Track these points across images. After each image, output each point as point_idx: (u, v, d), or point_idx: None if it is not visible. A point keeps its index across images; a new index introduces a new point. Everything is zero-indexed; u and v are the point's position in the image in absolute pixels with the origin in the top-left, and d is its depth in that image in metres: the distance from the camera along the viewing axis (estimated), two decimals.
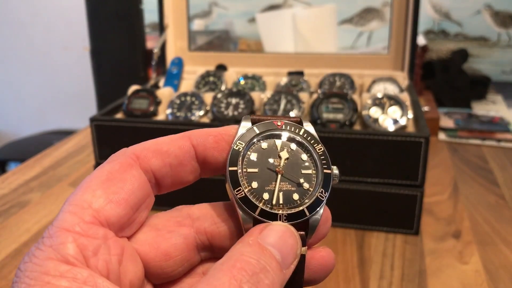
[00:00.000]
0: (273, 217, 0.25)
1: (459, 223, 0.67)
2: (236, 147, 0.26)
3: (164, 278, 0.27)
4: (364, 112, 0.71)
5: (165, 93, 0.80)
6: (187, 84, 0.91)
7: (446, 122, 1.05)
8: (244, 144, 0.27)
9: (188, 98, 0.78)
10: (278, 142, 0.27)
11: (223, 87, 0.87)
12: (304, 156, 0.27)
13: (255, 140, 0.27)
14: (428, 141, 0.60)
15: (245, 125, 0.28)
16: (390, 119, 0.69)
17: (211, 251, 0.28)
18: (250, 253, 0.22)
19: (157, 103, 0.77)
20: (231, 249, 0.23)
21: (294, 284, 0.25)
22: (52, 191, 0.79)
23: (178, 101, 0.78)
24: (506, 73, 1.37)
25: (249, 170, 0.26)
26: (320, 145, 0.27)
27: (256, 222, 0.25)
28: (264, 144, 0.27)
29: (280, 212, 0.25)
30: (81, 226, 0.22)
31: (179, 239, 0.26)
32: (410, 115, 0.69)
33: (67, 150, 0.96)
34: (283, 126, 0.27)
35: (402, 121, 0.68)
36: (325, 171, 0.27)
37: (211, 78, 0.89)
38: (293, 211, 0.26)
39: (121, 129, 0.71)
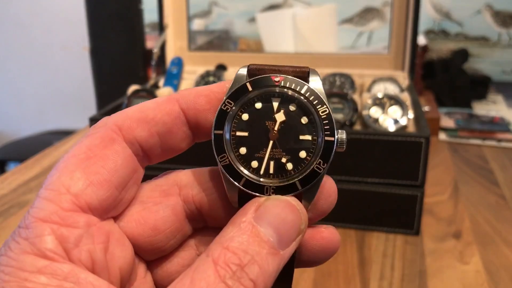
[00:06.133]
0: (260, 189, 0.23)
1: (459, 223, 0.67)
2: (224, 107, 0.23)
3: (156, 253, 0.25)
4: (364, 112, 0.70)
5: (164, 93, 0.80)
6: (187, 84, 0.90)
7: (447, 122, 1.05)
8: (233, 104, 0.23)
9: None
10: (275, 102, 0.23)
11: None
12: (304, 120, 0.23)
13: (247, 98, 0.23)
14: (428, 141, 0.59)
15: (241, 74, 0.24)
16: (391, 119, 0.69)
17: (203, 221, 0.25)
18: (238, 243, 0.20)
19: None
20: (221, 232, 0.21)
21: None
22: None
23: None
24: (507, 73, 1.37)
25: (238, 133, 0.23)
26: (324, 106, 0.23)
27: (241, 193, 0.23)
28: (258, 104, 0.24)
29: (268, 183, 0.23)
30: (60, 215, 0.20)
31: (166, 211, 0.24)
32: (411, 115, 0.69)
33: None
34: (282, 82, 0.24)
35: (403, 121, 0.68)
36: (326, 138, 0.23)
37: (211, 78, 0.89)
38: (283, 183, 0.23)
39: None
